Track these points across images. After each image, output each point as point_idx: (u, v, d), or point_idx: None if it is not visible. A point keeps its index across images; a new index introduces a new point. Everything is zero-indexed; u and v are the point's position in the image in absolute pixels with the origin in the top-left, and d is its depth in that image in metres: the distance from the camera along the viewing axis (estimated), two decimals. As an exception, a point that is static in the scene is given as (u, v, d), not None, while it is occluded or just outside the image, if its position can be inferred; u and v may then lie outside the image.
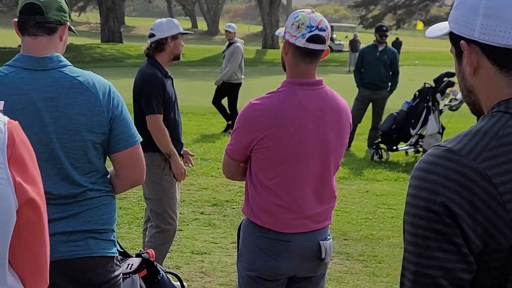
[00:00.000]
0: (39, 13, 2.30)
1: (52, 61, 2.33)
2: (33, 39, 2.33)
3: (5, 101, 2.24)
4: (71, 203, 2.34)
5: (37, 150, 2.27)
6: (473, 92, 1.31)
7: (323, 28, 2.61)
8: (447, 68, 10.24)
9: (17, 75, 2.29)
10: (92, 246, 2.37)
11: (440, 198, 1.16)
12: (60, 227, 2.32)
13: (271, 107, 2.62)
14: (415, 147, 9.50)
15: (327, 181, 2.74)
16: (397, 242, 5.74)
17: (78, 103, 2.31)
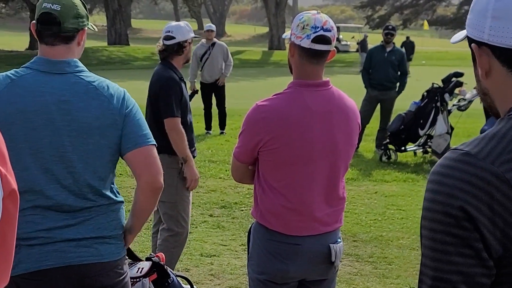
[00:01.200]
0: (56, 23, 2.30)
1: (69, 66, 2.33)
2: (50, 48, 2.33)
3: (19, 102, 2.24)
4: (81, 209, 2.33)
5: (48, 153, 2.26)
6: (488, 94, 1.30)
7: (328, 29, 2.60)
8: (455, 68, 10.20)
9: (33, 77, 2.30)
10: (101, 252, 2.36)
11: (458, 202, 1.14)
12: (69, 234, 2.31)
13: (277, 109, 2.61)
14: (424, 147, 9.46)
15: (336, 183, 2.72)
16: (406, 243, 5.71)
17: (92, 107, 2.30)
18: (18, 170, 2.25)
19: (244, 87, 18.95)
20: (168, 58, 4.31)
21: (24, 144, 2.26)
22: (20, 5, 42.92)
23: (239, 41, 56.61)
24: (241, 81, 20.38)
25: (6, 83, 2.28)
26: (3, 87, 2.27)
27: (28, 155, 2.26)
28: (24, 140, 2.26)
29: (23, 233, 2.26)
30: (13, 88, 2.27)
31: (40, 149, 2.27)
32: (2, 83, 2.28)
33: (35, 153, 2.27)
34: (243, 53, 36.67)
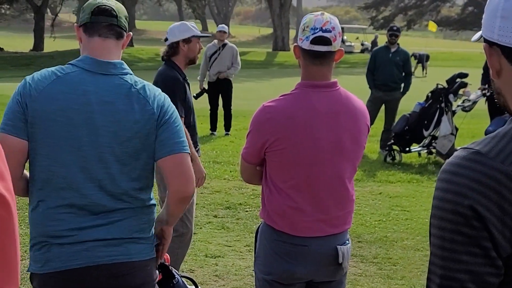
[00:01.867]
0: (113, 15, 2.36)
1: (115, 67, 2.35)
2: (103, 40, 2.36)
3: (61, 99, 2.26)
4: (114, 210, 2.33)
5: (87, 152, 2.27)
6: (501, 94, 1.30)
7: (327, 29, 2.59)
8: (459, 69, 10.20)
9: (78, 75, 2.31)
10: (131, 251, 2.36)
11: (468, 201, 1.15)
12: (100, 234, 2.31)
13: (283, 110, 2.61)
14: (428, 148, 9.45)
15: (343, 184, 2.72)
16: (411, 244, 5.71)
17: (133, 110, 2.32)
18: (57, 167, 2.26)
19: (249, 88, 18.96)
20: (170, 58, 4.33)
21: (64, 141, 2.27)
22: (25, 6, 43.00)
23: (243, 42, 56.63)
24: (246, 82, 20.38)
25: (51, 79, 2.29)
26: (48, 82, 2.28)
27: (67, 152, 2.27)
28: (65, 138, 2.26)
29: (55, 231, 2.29)
30: (58, 85, 2.28)
31: (80, 148, 2.28)
32: (47, 79, 2.29)
33: (74, 151, 2.27)
34: (248, 54, 36.67)
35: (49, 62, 31.19)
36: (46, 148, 2.28)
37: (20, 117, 2.26)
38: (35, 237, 2.35)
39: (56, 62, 31.28)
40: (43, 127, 2.26)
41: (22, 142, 2.27)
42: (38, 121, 2.26)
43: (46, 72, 2.33)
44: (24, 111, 2.26)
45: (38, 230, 2.32)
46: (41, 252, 2.31)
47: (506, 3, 1.22)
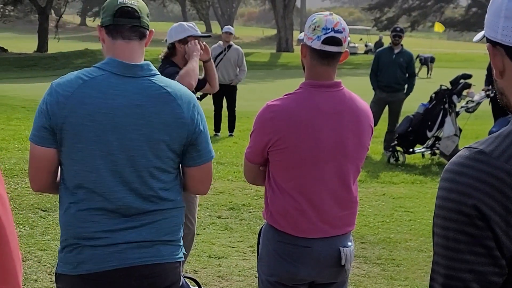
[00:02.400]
0: (135, 17, 2.33)
1: (142, 69, 2.32)
2: (127, 42, 2.33)
3: (91, 103, 2.24)
4: (145, 212, 2.34)
5: (118, 155, 2.27)
6: (504, 94, 1.29)
7: (339, 30, 2.60)
8: (463, 70, 10.19)
9: (106, 79, 2.28)
10: (163, 253, 2.38)
11: (472, 200, 1.14)
12: (132, 236, 2.31)
13: (286, 109, 2.60)
14: (432, 149, 9.45)
15: (346, 185, 2.71)
16: (414, 245, 5.70)
17: (164, 112, 2.30)
18: (87, 171, 2.26)
19: (252, 89, 18.96)
20: (168, 58, 4.33)
21: (94, 146, 2.25)
22: (29, 8, 43.09)
23: (247, 43, 56.63)
24: (250, 83, 20.37)
25: (78, 84, 2.26)
26: (75, 88, 2.26)
27: (98, 157, 2.26)
28: (95, 142, 2.25)
29: (87, 233, 2.29)
30: (85, 89, 2.25)
31: (110, 152, 2.26)
32: (74, 84, 2.27)
33: (105, 155, 2.26)
34: (251, 55, 36.67)
35: (53, 63, 31.23)
36: (77, 153, 2.27)
37: (45, 127, 2.26)
38: (66, 239, 2.34)
39: (60, 63, 31.34)
40: (73, 133, 2.25)
41: (48, 151, 2.28)
42: (67, 127, 2.24)
43: (72, 76, 2.30)
44: (50, 120, 2.25)
45: (70, 232, 2.32)
46: (73, 254, 2.31)
47: (510, 3, 1.21)
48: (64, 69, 28.85)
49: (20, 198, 6.51)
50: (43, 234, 5.51)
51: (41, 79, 23.01)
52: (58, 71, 28.32)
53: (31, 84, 20.63)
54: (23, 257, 4.92)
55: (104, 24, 2.35)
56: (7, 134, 9.97)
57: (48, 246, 5.23)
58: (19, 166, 7.73)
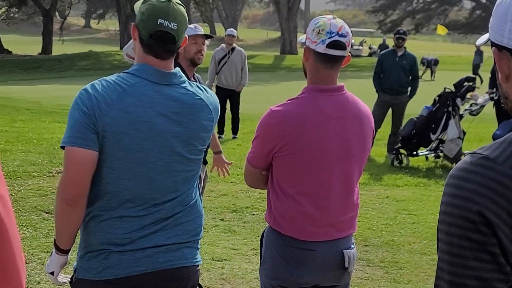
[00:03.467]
0: (172, 42, 2.31)
1: (176, 77, 2.35)
2: (159, 61, 2.33)
3: (133, 112, 2.23)
4: (174, 215, 2.37)
5: (156, 163, 2.28)
6: (509, 99, 1.28)
7: (343, 34, 2.60)
8: (467, 73, 10.19)
9: (144, 86, 2.28)
10: (187, 256, 2.42)
11: (476, 206, 1.13)
12: (160, 240, 2.34)
13: (291, 114, 2.60)
14: (436, 152, 9.43)
15: (350, 188, 2.72)
16: (418, 248, 5.70)
17: (200, 118, 2.36)
18: (126, 179, 2.25)
19: (256, 91, 18.97)
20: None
21: (134, 154, 2.25)
22: (33, 10, 43.22)
23: (251, 45, 56.68)
24: (253, 86, 20.40)
25: (118, 91, 2.25)
26: (115, 95, 2.24)
27: (137, 165, 2.26)
28: (135, 151, 2.25)
29: (116, 239, 2.30)
30: (126, 97, 2.24)
31: (150, 160, 2.27)
32: (114, 92, 2.24)
33: (143, 163, 2.27)
34: (256, 58, 36.70)
35: (57, 66, 31.31)
36: (116, 161, 2.25)
37: (91, 129, 2.21)
38: (90, 245, 2.34)
39: (64, 65, 31.43)
40: (113, 141, 2.23)
41: (94, 154, 2.22)
42: (108, 135, 2.22)
43: (109, 83, 2.27)
44: (95, 123, 2.20)
45: (97, 238, 2.31)
46: (98, 259, 2.31)
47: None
48: (68, 71, 28.92)
49: (24, 200, 6.52)
50: (47, 236, 5.52)
51: (45, 81, 23.07)
52: (62, 73, 28.41)
53: (35, 86, 20.69)
54: (26, 259, 4.93)
55: (139, 34, 2.32)
56: (11, 136, 9.99)
57: (51, 248, 5.23)
58: (22, 168, 7.74)
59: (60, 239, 2.36)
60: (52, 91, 18.39)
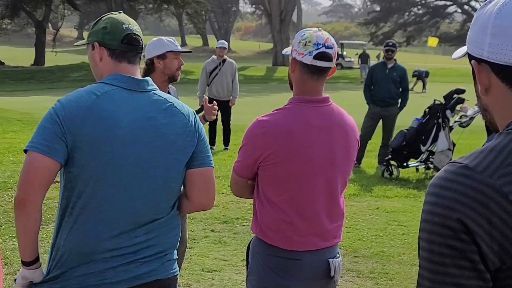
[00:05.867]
0: (139, 44, 2.43)
1: (148, 84, 2.39)
2: (132, 66, 2.41)
3: (108, 117, 2.23)
4: (152, 227, 2.36)
5: (131, 169, 2.27)
6: (488, 111, 1.30)
7: (330, 46, 2.64)
8: (457, 85, 10.24)
9: (119, 93, 2.31)
10: (167, 267, 2.41)
11: (456, 214, 1.15)
12: (140, 253, 2.33)
13: (277, 124, 2.62)
14: (426, 163, 9.48)
15: (335, 198, 2.74)
16: (408, 259, 5.71)
17: (174, 123, 2.36)
18: (101, 188, 2.23)
19: (249, 103, 19.00)
20: (147, 75, 4.07)
21: (109, 161, 2.24)
22: (26, 21, 43.19)
23: (243, 57, 56.82)
24: (246, 97, 20.44)
25: (92, 99, 2.25)
26: (90, 102, 2.23)
27: (112, 172, 2.25)
28: (110, 157, 2.24)
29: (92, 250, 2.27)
30: (101, 103, 2.24)
31: (125, 167, 2.26)
32: (88, 100, 2.24)
33: (121, 170, 2.26)
34: (248, 69, 36.79)
35: (49, 77, 31.26)
36: (91, 170, 2.24)
37: (58, 139, 2.19)
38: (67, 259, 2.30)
39: (56, 76, 31.38)
40: (89, 150, 2.22)
41: (53, 162, 2.19)
42: (84, 145, 2.20)
43: (82, 92, 2.28)
44: (65, 134, 2.19)
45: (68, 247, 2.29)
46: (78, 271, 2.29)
47: (496, 20, 1.22)
48: (60, 82, 28.88)
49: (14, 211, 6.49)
50: (37, 247, 5.49)
51: (37, 92, 23.02)
52: (54, 84, 28.36)
53: (27, 97, 20.64)
54: (15, 271, 4.92)
55: (108, 46, 2.37)
56: (2, 147, 9.97)
57: (41, 259, 5.21)
58: (13, 179, 7.73)
59: (19, 247, 2.34)
60: (44, 102, 18.36)
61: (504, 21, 1.21)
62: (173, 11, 55.56)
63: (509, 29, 1.21)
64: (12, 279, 4.68)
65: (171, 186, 2.39)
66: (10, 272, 4.87)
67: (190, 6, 39.63)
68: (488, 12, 1.25)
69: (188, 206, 2.50)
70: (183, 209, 2.51)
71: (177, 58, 4.14)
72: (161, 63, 4.08)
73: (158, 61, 4.07)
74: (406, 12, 63.27)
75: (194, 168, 2.43)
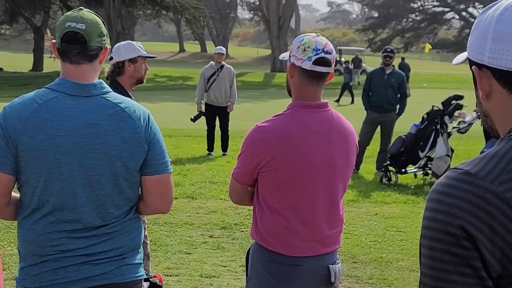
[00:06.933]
0: (82, 42, 2.29)
1: (96, 88, 2.32)
2: (75, 67, 2.32)
3: (48, 127, 2.21)
4: (104, 231, 2.34)
5: (76, 176, 2.25)
6: (489, 116, 1.30)
7: (328, 51, 2.64)
8: (456, 91, 10.27)
9: (61, 100, 2.27)
10: (125, 271, 2.38)
11: (458, 221, 1.14)
12: (93, 255, 2.32)
13: (277, 130, 2.62)
14: (424, 169, 9.49)
15: (335, 204, 2.74)
16: (406, 265, 5.71)
17: (120, 129, 2.30)
18: (48, 195, 2.24)
19: (247, 109, 19.02)
20: (113, 78, 4.23)
21: (54, 169, 2.24)
22: (24, 27, 43.23)
23: (242, 63, 56.87)
24: (244, 103, 20.45)
25: (33, 108, 2.24)
26: (30, 112, 2.23)
27: (57, 180, 2.25)
28: (54, 166, 2.24)
29: (47, 252, 2.29)
30: (41, 112, 2.24)
31: (70, 174, 2.26)
32: (29, 108, 2.24)
33: (65, 178, 2.26)
34: (246, 75, 36.81)
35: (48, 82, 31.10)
36: (37, 178, 2.25)
37: (4, 151, 2.22)
38: (25, 259, 2.34)
39: (54, 82, 31.39)
40: (31, 159, 2.23)
41: (5, 177, 2.24)
42: (26, 154, 2.22)
43: (26, 100, 2.27)
44: (8, 144, 2.21)
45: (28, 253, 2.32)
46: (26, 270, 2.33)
47: (497, 25, 1.22)
48: (58, 88, 28.86)
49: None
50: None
51: (35, 98, 22.97)
52: (52, 90, 28.35)
53: (25, 102, 20.59)
54: (13, 276, 4.91)
55: (56, 45, 2.35)
56: (1, 152, 9.95)
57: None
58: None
59: None
60: (42, 108, 18.34)
61: (505, 26, 1.21)
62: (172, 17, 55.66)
63: (510, 35, 1.21)
64: (11, 284, 4.67)
65: (121, 192, 2.35)
66: (9, 278, 4.87)
67: (189, 12, 39.68)
68: (489, 17, 1.25)
69: (144, 209, 2.49)
70: (140, 211, 2.49)
71: (144, 63, 4.27)
72: (131, 66, 4.19)
73: (129, 64, 4.18)
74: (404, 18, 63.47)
75: (148, 176, 2.39)
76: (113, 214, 2.35)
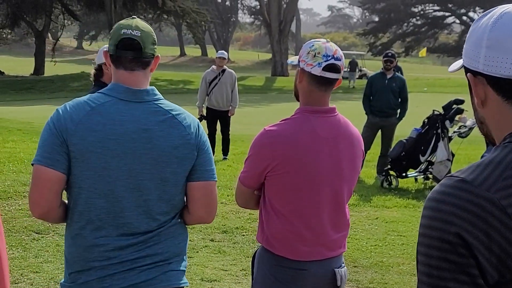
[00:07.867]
0: (138, 49, 2.32)
1: (148, 94, 2.35)
2: (129, 73, 2.35)
3: (100, 130, 2.25)
4: (150, 236, 2.35)
5: (126, 181, 2.27)
6: (485, 123, 1.31)
7: (338, 58, 2.66)
8: (456, 95, 10.28)
9: (114, 105, 2.30)
10: (170, 277, 2.39)
11: (454, 228, 1.15)
12: (139, 261, 2.32)
13: (285, 134, 2.63)
14: (425, 174, 9.50)
15: (341, 208, 2.75)
16: (407, 269, 5.72)
17: (171, 136, 2.33)
18: (96, 198, 2.26)
19: (248, 113, 19.03)
20: (98, 78, 4.54)
21: (102, 172, 2.26)
22: (26, 31, 43.28)
23: (242, 67, 56.91)
24: (245, 107, 20.47)
25: (86, 110, 2.27)
26: (83, 114, 2.27)
27: (106, 183, 2.27)
28: (103, 168, 2.26)
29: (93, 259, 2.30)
30: (94, 115, 2.27)
31: (119, 178, 2.27)
32: (82, 111, 2.27)
33: (113, 181, 2.27)
34: (247, 79, 36.84)
35: (49, 86, 31.29)
36: (85, 180, 2.27)
37: (59, 150, 2.25)
38: (71, 265, 2.35)
39: (56, 86, 31.41)
40: (82, 160, 2.25)
41: (59, 175, 2.25)
42: (77, 155, 2.25)
43: (79, 103, 2.31)
44: (62, 144, 2.24)
45: (75, 259, 2.33)
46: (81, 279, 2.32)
47: (491, 33, 1.23)
48: (60, 92, 28.90)
49: (14, 220, 6.51)
50: (36, 256, 5.51)
51: (37, 102, 23.04)
52: (54, 93, 28.38)
53: (27, 106, 20.66)
54: (16, 280, 4.92)
55: (109, 52, 2.38)
56: (2, 156, 9.98)
57: (40, 268, 5.23)
58: (13, 188, 7.74)
59: None
60: (44, 112, 18.37)
61: (499, 33, 1.22)
62: (173, 21, 55.71)
63: (504, 42, 1.22)
64: None
65: (168, 198, 2.37)
66: (11, 281, 4.87)
67: (190, 17, 39.73)
68: (484, 25, 1.27)
69: (188, 218, 2.49)
70: (184, 221, 2.50)
71: None
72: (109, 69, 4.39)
73: (106, 67, 4.41)
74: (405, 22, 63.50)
75: (193, 182, 2.41)
76: (159, 219, 2.36)
